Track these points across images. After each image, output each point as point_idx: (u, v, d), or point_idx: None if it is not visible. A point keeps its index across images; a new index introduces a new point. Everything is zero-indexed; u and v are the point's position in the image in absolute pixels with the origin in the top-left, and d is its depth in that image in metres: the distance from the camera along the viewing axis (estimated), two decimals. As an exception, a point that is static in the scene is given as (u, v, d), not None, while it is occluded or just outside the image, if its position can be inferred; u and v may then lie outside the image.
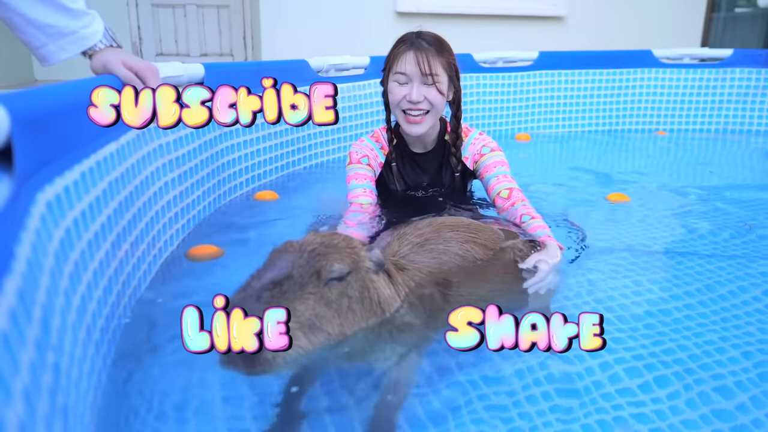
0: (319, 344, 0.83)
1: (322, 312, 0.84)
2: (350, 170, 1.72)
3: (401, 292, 1.00)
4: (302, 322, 0.81)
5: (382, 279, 0.97)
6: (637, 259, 1.55)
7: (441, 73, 1.56)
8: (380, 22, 5.13)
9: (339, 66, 2.73)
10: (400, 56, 1.56)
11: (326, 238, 0.92)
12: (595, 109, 3.75)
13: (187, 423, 0.90)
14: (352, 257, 0.90)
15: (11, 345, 0.52)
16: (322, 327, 0.83)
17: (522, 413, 0.93)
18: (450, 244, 1.17)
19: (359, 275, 0.91)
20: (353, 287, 0.90)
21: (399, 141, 1.72)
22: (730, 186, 2.44)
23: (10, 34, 1.20)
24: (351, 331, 0.89)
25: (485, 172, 1.67)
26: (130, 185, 1.24)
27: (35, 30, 1.15)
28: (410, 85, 1.55)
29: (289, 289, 0.81)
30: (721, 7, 6.36)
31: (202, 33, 5.52)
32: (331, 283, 0.86)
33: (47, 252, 0.73)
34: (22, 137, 0.72)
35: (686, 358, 1.07)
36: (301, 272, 0.84)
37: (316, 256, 0.86)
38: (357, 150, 1.73)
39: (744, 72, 3.70)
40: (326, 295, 0.85)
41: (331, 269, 0.86)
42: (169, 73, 1.57)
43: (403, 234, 1.18)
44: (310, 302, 0.83)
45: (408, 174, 1.75)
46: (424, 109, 1.56)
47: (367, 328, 0.93)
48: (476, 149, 1.69)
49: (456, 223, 1.26)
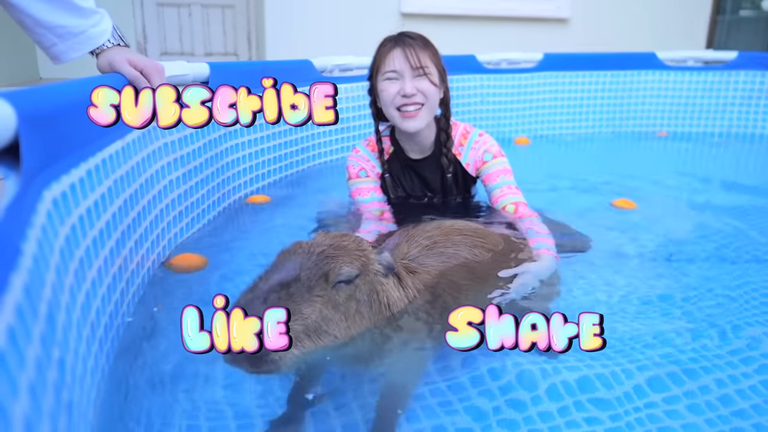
0: (324, 346, 0.83)
1: (329, 315, 0.84)
2: (352, 186, 1.70)
3: (410, 295, 1.00)
4: (308, 325, 0.81)
5: (391, 282, 0.97)
6: (644, 265, 1.54)
7: (430, 65, 1.54)
8: (385, 23, 5.10)
9: (343, 66, 2.73)
10: (386, 55, 1.54)
11: (336, 240, 0.91)
12: (598, 111, 3.74)
13: (191, 420, 0.91)
14: (361, 260, 0.90)
15: (17, 340, 0.52)
16: (328, 330, 0.83)
17: (522, 414, 0.93)
18: (459, 248, 1.17)
19: (368, 278, 0.91)
20: (362, 290, 0.89)
21: (396, 148, 1.69)
22: (735, 190, 2.43)
23: (14, 33, 1.21)
24: (358, 334, 0.89)
25: (488, 180, 1.63)
26: (135, 183, 1.25)
27: (45, 30, 1.16)
28: (402, 80, 1.53)
29: (296, 292, 0.81)
30: (726, 10, 6.34)
31: (206, 33, 5.54)
32: (339, 286, 0.86)
33: (53, 249, 0.74)
34: (28, 134, 0.72)
35: (699, 369, 1.06)
36: (309, 274, 0.83)
37: (324, 259, 0.86)
38: (353, 163, 1.71)
39: (749, 75, 3.69)
40: (334, 298, 0.85)
41: (339, 272, 0.85)
42: (174, 72, 1.57)
43: (411, 236, 1.18)
44: (317, 305, 0.82)
45: (406, 182, 1.71)
46: (419, 102, 1.54)
47: (376, 330, 0.93)
48: (478, 155, 1.65)
49: (464, 227, 1.26)
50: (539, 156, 3.17)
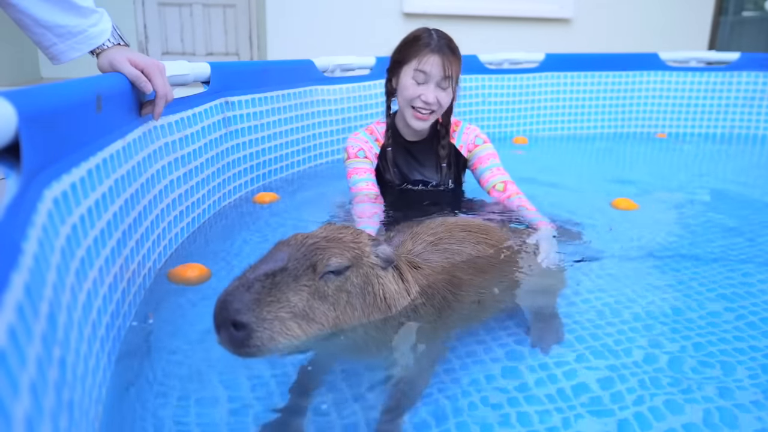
0: (313, 334, 0.84)
1: (316, 305, 0.84)
2: (350, 165, 1.77)
3: (411, 290, 1.00)
4: (296, 312, 0.82)
5: (390, 275, 0.96)
6: (646, 265, 1.54)
7: (455, 77, 1.65)
8: (387, 22, 5.13)
9: (344, 66, 2.73)
10: (425, 56, 1.62)
11: (332, 232, 0.92)
12: (600, 112, 3.74)
13: (192, 420, 0.91)
14: (354, 251, 0.90)
15: (18, 339, 0.52)
16: (316, 319, 0.84)
17: (522, 413, 0.92)
18: (463, 244, 1.18)
19: (362, 270, 0.91)
20: (353, 282, 0.89)
21: (393, 131, 1.79)
22: (737, 190, 2.42)
23: (15, 32, 1.21)
24: (349, 325, 0.89)
25: (479, 163, 1.78)
26: (135, 183, 1.25)
27: (44, 30, 1.15)
28: (427, 85, 1.62)
29: (282, 281, 0.82)
30: (729, 11, 6.33)
31: (208, 32, 5.54)
32: (327, 277, 0.86)
33: (54, 248, 0.74)
34: (29, 134, 0.72)
35: (710, 375, 1.06)
36: (296, 264, 0.84)
37: (314, 250, 0.86)
38: (353, 144, 1.79)
39: (751, 75, 3.68)
40: (322, 288, 0.85)
41: (327, 263, 0.86)
42: (175, 71, 1.57)
43: (416, 233, 1.19)
44: (304, 294, 0.83)
45: (401, 162, 1.80)
46: (433, 109, 1.66)
47: (375, 325, 0.93)
48: (470, 138, 1.80)
49: (469, 223, 1.28)
50: (541, 155, 3.16)
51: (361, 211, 1.61)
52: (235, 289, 0.80)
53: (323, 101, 2.56)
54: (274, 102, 2.27)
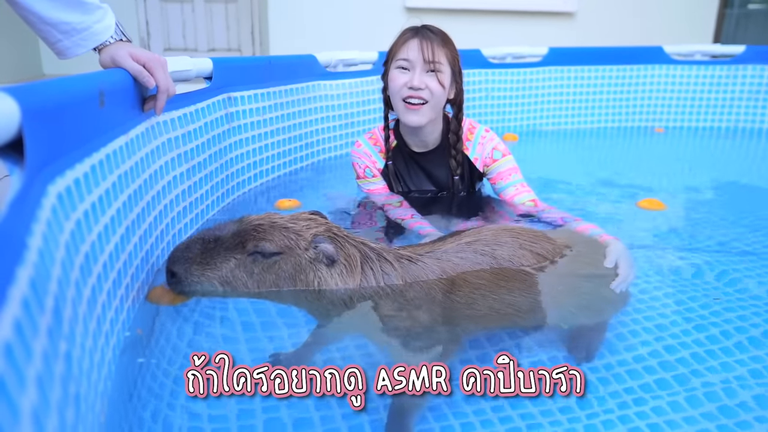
0: (232, 293, 1.00)
1: (239, 275, 0.98)
2: (363, 185, 1.74)
3: (367, 283, 1.02)
4: (221, 275, 0.98)
5: (335, 271, 1.01)
6: (673, 264, 1.50)
7: (444, 63, 1.55)
8: (389, 17, 5.12)
9: (347, 61, 2.72)
10: (403, 44, 1.56)
11: (285, 220, 1.02)
12: (604, 106, 3.72)
13: (203, 412, 0.91)
14: (288, 242, 0.99)
15: (25, 333, 0.52)
16: (236, 286, 0.99)
17: (523, 413, 0.93)
18: (502, 248, 1.11)
19: (294, 259, 1.00)
20: (282, 268, 0.99)
21: (399, 142, 1.70)
22: (746, 184, 2.39)
23: (17, 29, 1.21)
24: (276, 301, 1.05)
25: (499, 179, 1.66)
26: (139, 179, 1.25)
27: (50, 27, 1.16)
28: (412, 72, 1.54)
29: (215, 248, 0.99)
30: (734, 4, 6.28)
31: (210, 28, 5.54)
32: (255, 257, 0.98)
33: (58, 244, 0.74)
34: (33, 129, 0.72)
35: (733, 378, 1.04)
36: (233, 239, 0.99)
37: (252, 231, 0.99)
38: (358, 162, 1.74)
39: (756, 69, 3.65)
40: (248, 265, 0.98)
41: (256, 245, 0.98)
42: (177, 67, 1.57)
43: (464, 234, 1.14)
44: (231, 264, 0.98)
45: (409, 176, 1.71)
46: (424, 98, 1.54)
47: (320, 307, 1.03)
48: (486, 152, 1.66)
49: (520, 230, 1.19)
50: (545, 150, 3.15)
51: (401, 214, 1.52)
52: (182, 245, 1.02)
53: (326, 96, 2.56)
54: (276, 97, 2.27)
